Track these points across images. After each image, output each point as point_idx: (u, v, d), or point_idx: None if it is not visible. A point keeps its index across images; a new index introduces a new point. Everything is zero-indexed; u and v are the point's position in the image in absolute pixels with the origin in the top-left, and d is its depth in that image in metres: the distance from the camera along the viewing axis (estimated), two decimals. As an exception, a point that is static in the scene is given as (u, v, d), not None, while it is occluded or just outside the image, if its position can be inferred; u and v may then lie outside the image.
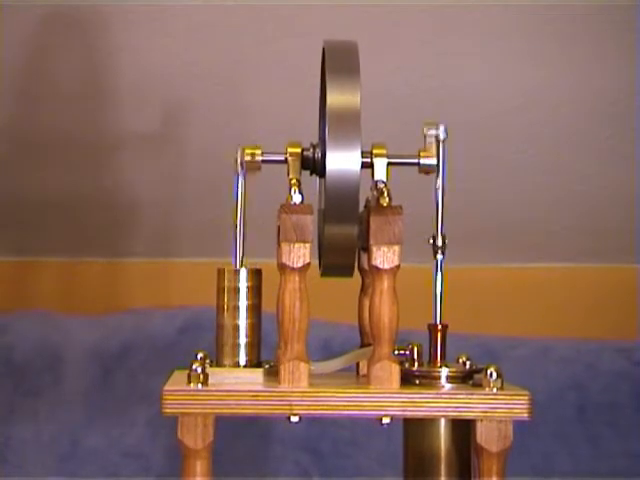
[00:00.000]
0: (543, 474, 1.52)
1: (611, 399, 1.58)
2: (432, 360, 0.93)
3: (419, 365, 0.93)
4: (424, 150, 0.94)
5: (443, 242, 0.94)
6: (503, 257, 1.75)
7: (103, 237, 1.72)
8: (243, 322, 0.93)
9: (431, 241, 0.94)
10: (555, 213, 1.72)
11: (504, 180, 1.68)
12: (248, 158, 0.93)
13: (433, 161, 0.94)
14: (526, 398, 0.87)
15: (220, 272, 0.93)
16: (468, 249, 1.66)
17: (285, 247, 0.88)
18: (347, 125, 0.88)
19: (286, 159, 0.93)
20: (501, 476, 0.88)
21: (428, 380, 0.91)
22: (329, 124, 0.88)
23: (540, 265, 1.76)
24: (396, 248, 0.88)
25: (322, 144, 0.91)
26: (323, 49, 0.92)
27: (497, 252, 1.75)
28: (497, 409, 0.87)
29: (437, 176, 0.95)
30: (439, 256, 0.95)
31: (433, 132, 0.95)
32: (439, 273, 0.95)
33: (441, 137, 0.95)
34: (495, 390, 0.88)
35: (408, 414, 0.89)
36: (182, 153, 1.63)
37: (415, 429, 0.95)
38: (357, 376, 0.96)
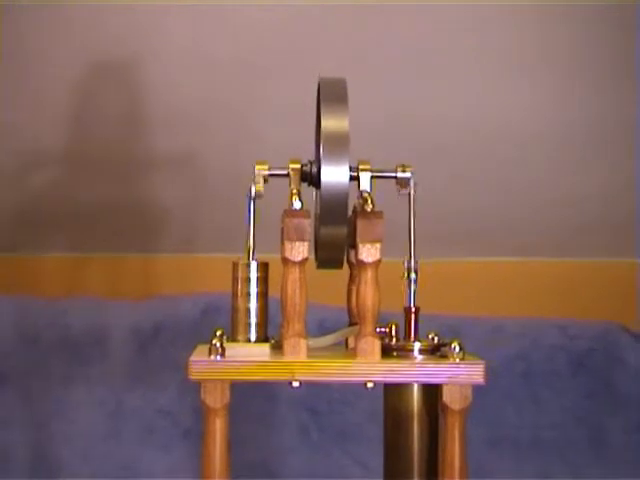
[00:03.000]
0: (496, 427, 1.51)
1: (550, 367, 1.57)
2: (407, 336, 0.93)
3: (396, 340, 0.94)
4: (400, 166, 0.93)
5: (415, 240, 0.94)
6: (467, 253, 1.74)
7: (139, 237, 1.71)
8: (253, 306, 0.93)
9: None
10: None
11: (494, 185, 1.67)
12: (257, 172, 0.92)
13: (408, 175, 0.93)
14: (482, 367, 0.87)
15: (235, 265, 0.93)
16: (439, 246, 1.65)
17: (287, 245, 0.88)
18: (338, 146, 0.88)
19: (288, 173, 0.92)
20: (462, 429, 0.88)
21: (404, 352, 0.91)
22: (323, 145, 0.88)
23: (495, 259, 1.75)
24: (378, 245, 0.88)
25: (317, 161, 0.91)
26: (318, 84, 0.92)
27: (461, 249, 1.74)
28: (459, 375, 0.87)
29: (409, 190, 0.94)
30: (412, 251, 0.94)
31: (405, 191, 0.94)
32: (412, 266, 0.94)
33: (412, 186, 0.93)
34: (458, 360, 0.88)
35: (388, 380, 0.89)
36: (203, 169, 1.62)
37: (393, 392, 0.95)
38: (346, 349, 0.96)
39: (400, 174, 0.93)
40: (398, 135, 1.57)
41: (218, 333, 0.90)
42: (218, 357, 0.87)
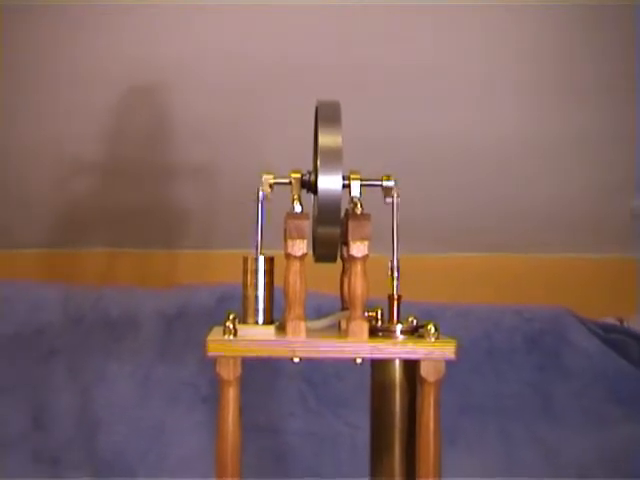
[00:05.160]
0: (465, 396, 1.50)
1: (509, 345, 1.57)
2: (390, 319, 0.93)
3: (381, 323, 0.94)
4: (385, 176, 0.93)
5: (397, 240, 0.94)
6: (440, 249, 1.73)
7: (164, 235, 1.71)
8: (261, 294, 0.93)
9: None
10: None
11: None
12: (264, 180, 0.92)
13: (391, 183, 0.93)
14: (453, 345, 0.88)
15: (245, 259, 0.93)
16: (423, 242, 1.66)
17: (289, 242, 0.88)
18: (332, 158, 0.88)
19: (290, 182, 0.92)
20: (437, 397, 0.88)
21: (388, 333, 0.91)
22: (320, 158, 0.88)
23: (466, 255, 1.74)
24: (366, 242, 0.88)
25: (315, 171, 0.91)
26: (316, 106, 0.92)
27: (441, 246, 1.73)
28: (434, 352, 0.88)
29: (392, 196, 0.93)
30: (395, 251, 0.94)
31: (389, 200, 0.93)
32: (395, 261, 0.94)
33: (395, 195, 0.93)
34: (433, 340, 0.88)
35: (374, 356, 0.89)
36: (218, 178, 1.62)
37: (379, 366, 0.95)
38: (339, 330, 0.95)
39: (385, 182, 0.93)
40: (390, 149, 1.56)
41: (231, 317, 0.90)
42: (231, 337, 0.88)
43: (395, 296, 0.94)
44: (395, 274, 0.94)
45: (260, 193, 0.92)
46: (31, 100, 1.54)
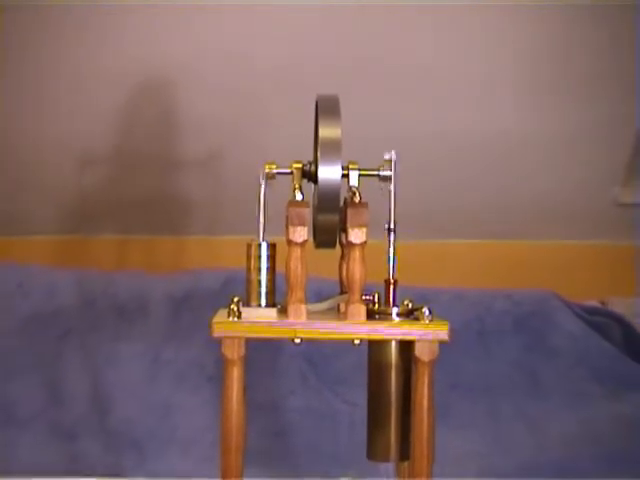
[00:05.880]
0: (457, 374, 1.51)
1: (499, 327, 1.57)
2: (387, 302, 0.93)
3: (378, 306, 0.93)
4: (382, 166, 0.93)
5: (395, 225, 0.93)
6: (435, 236, 1.74)
7: (171, 223, 1.71)
8: (264, 278, 0.92)
9: (386, 226, 0.93)
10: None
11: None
12: (267, 170, 0.92)
13: (388, 173, 0.93)
14: (446, 327, 0.87)
15: (249, 245, 0.93)
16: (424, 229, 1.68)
17: (291, 229, 0.88)
18: (332, 150, 0.88)
19: (292, 172, 0.92)
20: (430, 376, 0.88)
21: (384, 316, 0.91)
22: (320, 149, 0.88)
23: (458, 242, 1.75)
24: (364, 229, 0.88)
25: (315, 162, 0.91)
26: (316, 100, 0.92)
27: (438, 233, 1.74)
28: (428, 334, 0.87)
29: (390, 183, 0.92)
30: (392, 235, 0.93)
31: (388, 156, 0.92)
32: (391, 247, 0.94)
33: (393, 158, 0.92)
34: (427, 322, 0.88)
35: (371, 337, 0.89)
36: (222, 169, 1.62)
37: (376, 347, 0.94)
38: (338, 313, 0.95)
39: (382, 172, 0.92)
40: (391, 147, 1.55)
41: (235, 300, 0.89)
42: (235, 319, 0.87)
43: (391, 280, 0.94)
44: (392, 261, 0.94)
45: (262, 181, 0.92)
46: (48, 98, 1.55)
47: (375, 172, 0.93)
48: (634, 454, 1.41)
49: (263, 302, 0.92)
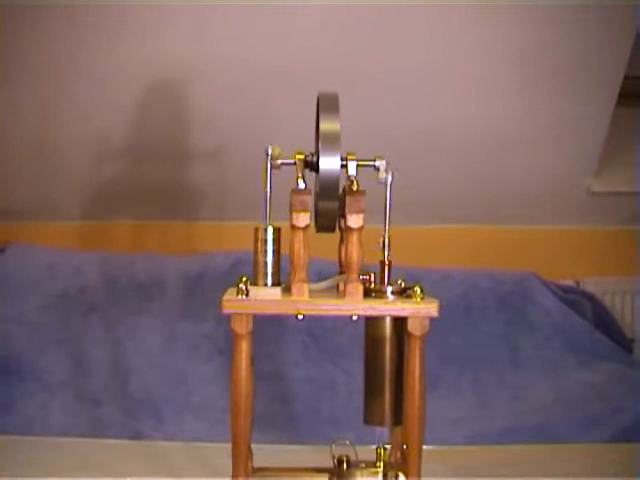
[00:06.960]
0: (445, 347, 1.50)
1: (483, 304, 1.57)
2: (382, 282, 0.94)
3: (374, 285, 0.94)
4: (377, 156, 0.93)
5: (389, 215, 0.94)
6: (426, 221, 1.73)
7: (184, 209, 1.71)
8: (270, 259, 0.93)
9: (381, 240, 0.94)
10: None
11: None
12: (275, 153, 0.91)
13: (382, 163, 0.93)
14: (436, 304, 0.89)
15: (256, 229, 0.94)
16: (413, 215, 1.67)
17: (294, 215, 0.89)
18: (332, 142, 0.88)
19: (295, 162, 0.92)
20: (422, 349, 0.89)
21: (379, 294, 0.92)
22: (321, 141, 0.89)
23: (447, 226, 1.74)
24: (361, 215, 0.89)
25: (317, 153, 0.92)
26: (318, 97, 0.93)
27: (428, 218, 1.73)
28: (420, 310, 0.89)
29: (386, 174, 0.93)
30: (387, 220, 0.94)
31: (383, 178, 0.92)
32: (387, 233, 0.95)
33: (385, 168, 0.92)
34: (419, 300, 0.89)
35: (368, 314, 0.90)
36: (231, 160, 1.61)
37: (372, 322, 0.96)
38: (337, 292, 0.96)
39: (377, 162, 0.93)
40: (389, 141, 1.50)
41: (244, 279, 0.91)
42: (244, 297, 0.89)
43: (386, 262, 0.95)
44: (386, 244, 0.95)
45: (268, 164, 0.91)
46: (74, 97, 1.54)
47: (371, 162, 0.93)
48: (603, 417, 1.42)
49: (269, 282, 0.93)
